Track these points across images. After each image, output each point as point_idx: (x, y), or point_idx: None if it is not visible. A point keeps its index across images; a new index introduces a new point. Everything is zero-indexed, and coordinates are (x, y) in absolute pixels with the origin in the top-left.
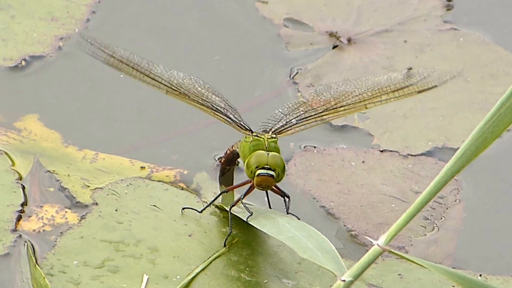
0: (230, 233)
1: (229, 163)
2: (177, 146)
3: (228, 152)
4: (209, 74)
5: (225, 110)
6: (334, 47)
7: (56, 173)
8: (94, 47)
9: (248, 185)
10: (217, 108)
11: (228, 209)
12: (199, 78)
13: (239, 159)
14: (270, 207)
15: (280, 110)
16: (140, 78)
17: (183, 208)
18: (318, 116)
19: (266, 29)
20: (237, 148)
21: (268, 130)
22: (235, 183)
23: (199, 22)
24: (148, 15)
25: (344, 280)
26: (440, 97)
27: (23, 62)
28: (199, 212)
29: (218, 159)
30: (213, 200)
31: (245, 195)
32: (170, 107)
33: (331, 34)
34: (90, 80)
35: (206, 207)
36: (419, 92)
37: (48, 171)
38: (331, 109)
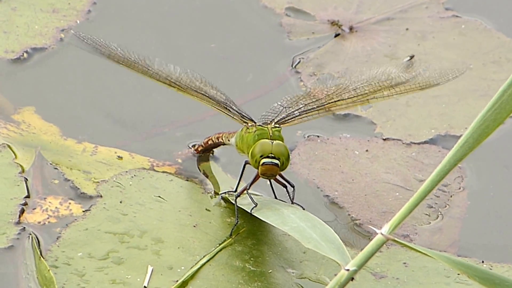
0: (236, 223)
1: (205, 152)
2: (177, 139)
3: (209, 141)
4: (210, 64)
5: (226, 102)
6: (336, 35)
7: (59, 166)
8: (90, 46)
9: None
10: (219, 100)
11: (234, 200)
12: (196, 72)
13: (217, 148)
14: (275, 196)
15: (279, 103)
16: (139, 73)
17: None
18: (321, 108)
19: (267, 18)
20: (227, 139)
21: (269, 122)
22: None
23: (200, 12)
24: (149, 5)
25: (348, 270)
26: (443, 84)
27: (25, 54)
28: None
29: (192, 146)
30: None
31: (250, 185)
32: (170, 100)
33: (333, 23)
34: (92, 71)
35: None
36: (422, 89)
37: (51, 163)
38: (332, 102)
